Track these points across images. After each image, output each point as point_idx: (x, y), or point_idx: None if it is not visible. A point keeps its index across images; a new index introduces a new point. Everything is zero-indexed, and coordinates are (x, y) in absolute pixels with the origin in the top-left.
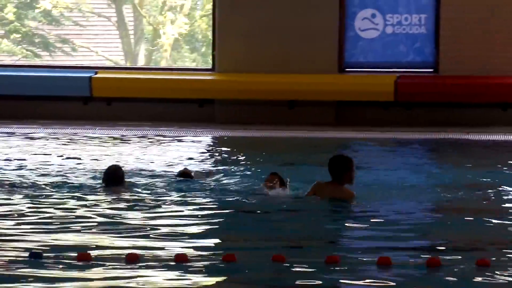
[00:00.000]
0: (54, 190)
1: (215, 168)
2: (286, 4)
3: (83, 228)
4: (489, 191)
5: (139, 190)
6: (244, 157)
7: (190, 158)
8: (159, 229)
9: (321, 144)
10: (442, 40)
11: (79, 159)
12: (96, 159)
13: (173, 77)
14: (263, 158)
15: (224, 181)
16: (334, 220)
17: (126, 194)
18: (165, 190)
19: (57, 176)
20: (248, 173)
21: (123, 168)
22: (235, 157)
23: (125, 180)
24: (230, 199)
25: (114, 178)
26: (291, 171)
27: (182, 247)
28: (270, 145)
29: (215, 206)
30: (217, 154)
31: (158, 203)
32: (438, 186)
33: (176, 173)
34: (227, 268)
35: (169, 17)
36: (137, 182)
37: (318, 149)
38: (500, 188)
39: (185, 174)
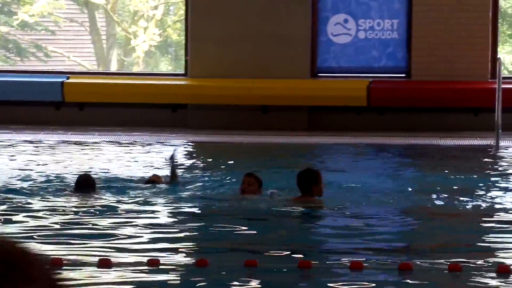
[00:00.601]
0: (23, 197)
1: (190, 175)
2: (258, 10)
3: (52, 234)
4: (461, 195)
5: (111, 196)
6: (216, 162)
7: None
8: (131, 234)
9: (293, 149)
10: (414, 45)
11: (47, 165)
12: (68, 165)
13: (146, 82)
14: (236, 163)
15: (197, 186)
16: (307, 225)
17: (97, 200)
18: (136, 196)
19: (27, 181)
20: (221, 178)
21: (94, 176)
22: (208, 162)
23: (96, 187)
24: (202, 204)
25: (85, 186)
26: (264, 176)
27: (154, 252)
28: (243, 150)
29: (186, 211)
30: (190, 159)
31: (129, 208)
32: (410, 191)
33: (145, 179)
34: (199, 272)
35: (142, 25)
36: (108, 188)
37: (290, 154)
38: (472, 193)
39: (153, 181)
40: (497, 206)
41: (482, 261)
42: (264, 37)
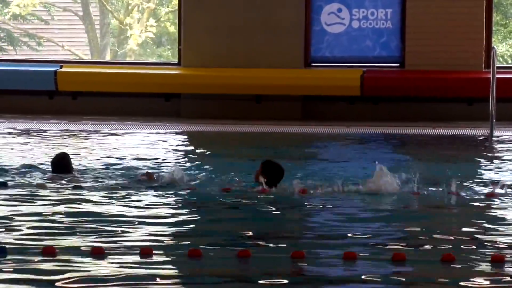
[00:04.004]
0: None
1: (179, 163)
2: None
3: (42, 220)
4: (455, 185)
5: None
6: (210, 152)
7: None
8: (125, 222)
9: (287, 139)
10: (408, 34)
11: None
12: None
13: (139, 71)
14: (229, 153)
15: (189, 176)
16: (300, 215)
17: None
18: (129, 185)
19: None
20: (214, 167)
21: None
22: (201, 152)
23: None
24: (196, 193)
25: (61, 166)
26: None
27: (147, 241)
28: (237, 140)
29: (180, 200)
30: (183, 148)
31: (123, 196)
32: (403, 180)
33: (137, 177)
34: (192, 263)
35: (135, 17)
36: (99, 177)
37: (284, 144)
38: (466, 182)
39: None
40: (491, 197)
41: (476, 250)
42: (258, 26)
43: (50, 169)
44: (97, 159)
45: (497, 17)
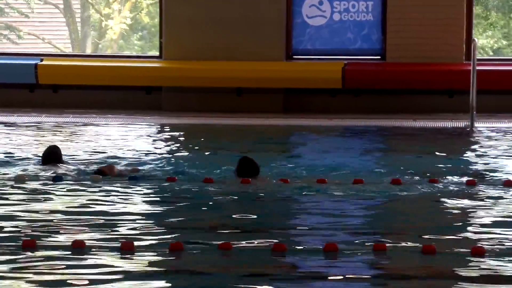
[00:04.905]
0: None
1: (161, 156)
2: None
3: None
4: (436, 177)
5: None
6: (191, 145)
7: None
8: (104, 217)
9: (269, 131)
10: (389, 27)
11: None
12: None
13: (120, 64)
14: (211, 145)
15: (170, 169)
16: (280, 208)
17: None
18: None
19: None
20: (196, 160)
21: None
22: (182, 144)
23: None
24: (177, 185)
25: (53, 158)
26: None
27: (128, 236)
28: (218, 133)
29: (161, 192)
30: (164, 141)
31: (102, 189)
32: (385, 172)
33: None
34: (175, 256)
35: (115, 9)
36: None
37: (265, 136)
38: (447, 174)
39: (102, 172)
40: (471, 187)
41: (456, 242)
42: (239, 19)
43: (37, 161)
44: (78, 153)
45: (478, 10)
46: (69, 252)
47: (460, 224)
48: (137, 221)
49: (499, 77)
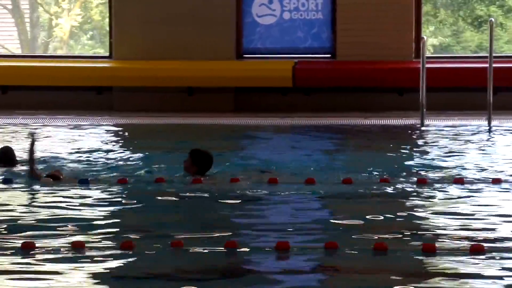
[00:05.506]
0: None
1: (112, 157)
2: None
3: None
4: (387, 175)
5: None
6: (142, 145)
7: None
8: (54, 216)
9: (220, 131)
10: (339, 25)
11: None
12: None
13: (70, 64)
14: (162, 145)
15: (121, 170)
16: (235, 206)
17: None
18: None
19: None
20: (147, 160)
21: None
22: (133, 144)
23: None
24: (129, 186)
25: (5, 159)
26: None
27: (79, 235)
28: (170, 133)
29: (112, 193)
30: (115, 141)
31: (53, 191)
32: (335, 170)
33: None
34: (124, 255)
35: (65, 7)
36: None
37: (217, 136)
38: (398, 172)
39: (54, 176)
40: (422, 185)
41: (408, 240)
42: (189, 18)
43: None
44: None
45: (427, 8)
46: (19, 255)
47: (412, 221)
48: (87, 222)
49: (449, 74)
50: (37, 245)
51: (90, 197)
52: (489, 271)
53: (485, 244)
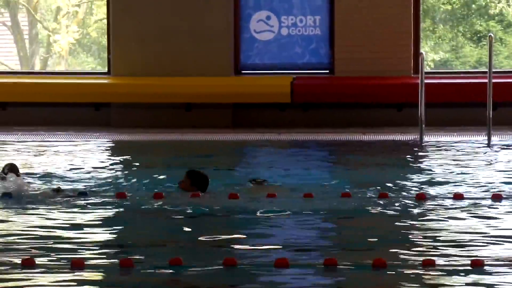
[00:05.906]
0: None
1: (110, 173)
2: (180, 7)
3: None
4: (386, 190)
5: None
6: (140, 161)
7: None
8: (53, 233)
9: (218, 147)
10: (337, 41)
11: None
12: None
13: (69, 81)
14: (160, 161)
15: (120, 185)
16: (229, 221)
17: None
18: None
19: None
20: (146, 176)
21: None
22: (131, 161)
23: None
24: (127, 201)
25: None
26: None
27: (79, 252)
28: (168, 149)
29: (112, 208)
30: (113, 158)
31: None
32: (334, 186)
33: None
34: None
35: (64, 24)
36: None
37: (215, 152)
38: (397, 188)
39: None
40: (421, 200)
41: (408, 256)
42: (187, 34)
43: None
44: (26, 170)
45: (426, 23)
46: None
47: (411, 237)
48: (86, 238)
49: (448, 90)
50: (36, 261)
51: (88, 212)
52: (489, 286)
53: (485, 259)
